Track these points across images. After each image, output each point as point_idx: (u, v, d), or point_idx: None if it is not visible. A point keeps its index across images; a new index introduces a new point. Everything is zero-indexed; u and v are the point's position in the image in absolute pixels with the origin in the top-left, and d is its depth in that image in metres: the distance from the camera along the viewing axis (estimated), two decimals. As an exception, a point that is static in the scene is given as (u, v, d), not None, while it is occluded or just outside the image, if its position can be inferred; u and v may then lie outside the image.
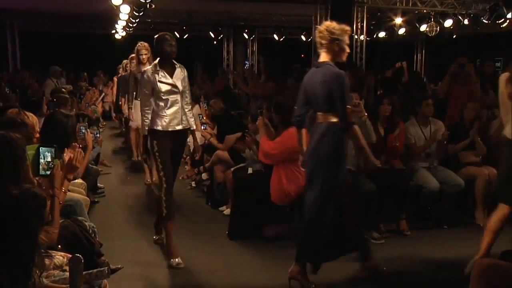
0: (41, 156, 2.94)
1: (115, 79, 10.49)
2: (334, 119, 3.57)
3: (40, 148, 2.95)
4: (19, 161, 2.37)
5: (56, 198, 2.89)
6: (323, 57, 3.68)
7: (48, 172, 2.95)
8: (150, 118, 4.35)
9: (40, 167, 2.94)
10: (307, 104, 3.76)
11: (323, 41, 3.64)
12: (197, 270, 4.14)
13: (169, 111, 4.35)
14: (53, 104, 6.13)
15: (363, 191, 4.75)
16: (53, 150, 2.97)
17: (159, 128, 4.33)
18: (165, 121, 4.34)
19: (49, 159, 2.96)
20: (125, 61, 9.04)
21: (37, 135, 3.70)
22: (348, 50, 3.68)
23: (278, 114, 4.91)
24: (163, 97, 4.33)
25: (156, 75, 4.30)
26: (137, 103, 6.52)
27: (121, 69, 9.45)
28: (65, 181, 3.11)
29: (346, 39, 3.65)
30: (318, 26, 3.79)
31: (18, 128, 3.18)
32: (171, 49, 4.32)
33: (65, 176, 3.11)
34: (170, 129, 4.36)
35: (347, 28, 3.69)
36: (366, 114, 4.84)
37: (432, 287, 3.93)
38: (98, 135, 6.75)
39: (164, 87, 4.31)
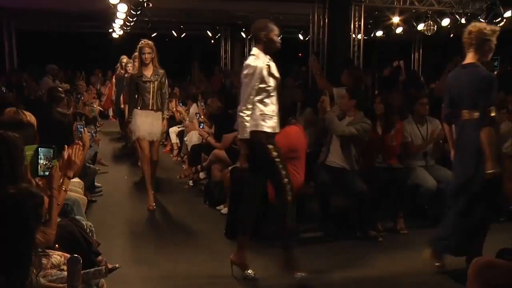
0: (40, 156, 2.91)
1: (114, 78, 9.91)
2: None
3: (39, 148, 2.93)
4: (16, 160, 2.36)
5: (54, 199, 2.84)
6: (470, 57, 3.77)
7: (47, 173, 2.93)
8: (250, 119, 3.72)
9: (39, 167, 2.92)
10: (453, 104, 3.87)
11: (474, 42, 3.71)
12: (194, 269, 4.14)
13: (276, 111, 3.82)
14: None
15: (355, 191, 4.77)
16: (51, 150, 2.94)
17: (269, 130, 3.78)
18: (274, 122, 3.80)
19: (48, 159, 2.93)
20: (124, 58, 8.66)
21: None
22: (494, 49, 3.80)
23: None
24: (271, 94, 3.78)
25: (267, 68, 3.73)
26: (137, 112, 5.76)
27: (119, 67, 9.03)
28: (65, 179, 3.08)
29: (494, 39, 3.75)
30: (468, 27, 3.83)
31: (23, 129, 3.17)
32: (278, 40, 3.83)
33: (64, 174, 3.09)
34: (276, 131, 3.85)
35: (497, 28, 3.81)
36: (328, 109, 4.96)
37: (429, 286, 3.94)
38: (95, 134, 6.73)
39: (273, 82, 3.79)
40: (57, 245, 2.84)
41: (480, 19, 9.67)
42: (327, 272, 4.10)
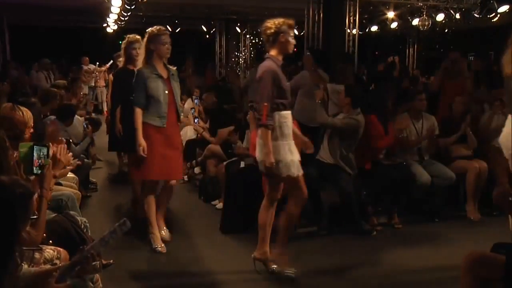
0: (34, 154, 2.89)
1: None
2: None
3: (34, 146, 2.91)
4: (0, 152, 2.33)
5: (44, 198, 2.78)
6: None
7: (39, 171, 2.90)
8: None
9: (33, 165, 2.89)
10: None
11: None
12: (189, 264, 4.14)
13: None
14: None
15: (341, 191, 4.82)
16: (45, 149, 2.93)
17: None
18: None
19: (42, 158, 2.91)
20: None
21: (32, 130, 3.63)
22: None
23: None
24: None
25: None
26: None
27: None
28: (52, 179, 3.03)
29: None
30: None
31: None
32: None
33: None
34: None
35: None
36: (320, 100, 5.00)
37: (423, 280, 3.96)
38: (87, 125, 6.66)
39: None
40: (50, 241, 2.83)
41: (475, 14, 9.71)
42: (321, 267, 4.11)
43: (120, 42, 5.78)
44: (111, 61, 8.34)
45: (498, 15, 9.49)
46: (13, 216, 1.92)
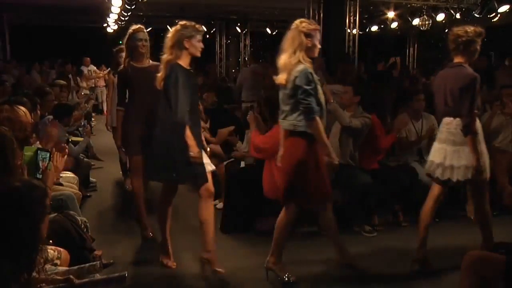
0: (39, 158, 2.93)
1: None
2: None
3: (38, 150, 2.95)
4: (8, 153, 2.34)
5: (47, 198, 2.82)
6: None
7: (42, 175, 2.93)
8: None
9: (37, 169, 2.93)
10: None
11: None
12: (189, 263, 4.14)
13: None
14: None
15: (359, 184, 4.79)
16: (48, 154, 2.98)
17: None
18: None
19: (45, 162, 2.95)
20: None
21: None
22: None
23: (268, 108, 4.91)
24: None
25: None
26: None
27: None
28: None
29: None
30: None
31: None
32: None
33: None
34: None
35: None
36: (332, 100, 4.83)
37: (424, 279, 3.96)
38: (86, 125, 6.65)
39: None
40: (51, 241, 2.83)
41: (475, 14, 9.72)
42: (321, 267, 4.11)
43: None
44: (109, 68, 7.91)
45: (498, 15, 9.51)
46: (34, 219, 1.93)
